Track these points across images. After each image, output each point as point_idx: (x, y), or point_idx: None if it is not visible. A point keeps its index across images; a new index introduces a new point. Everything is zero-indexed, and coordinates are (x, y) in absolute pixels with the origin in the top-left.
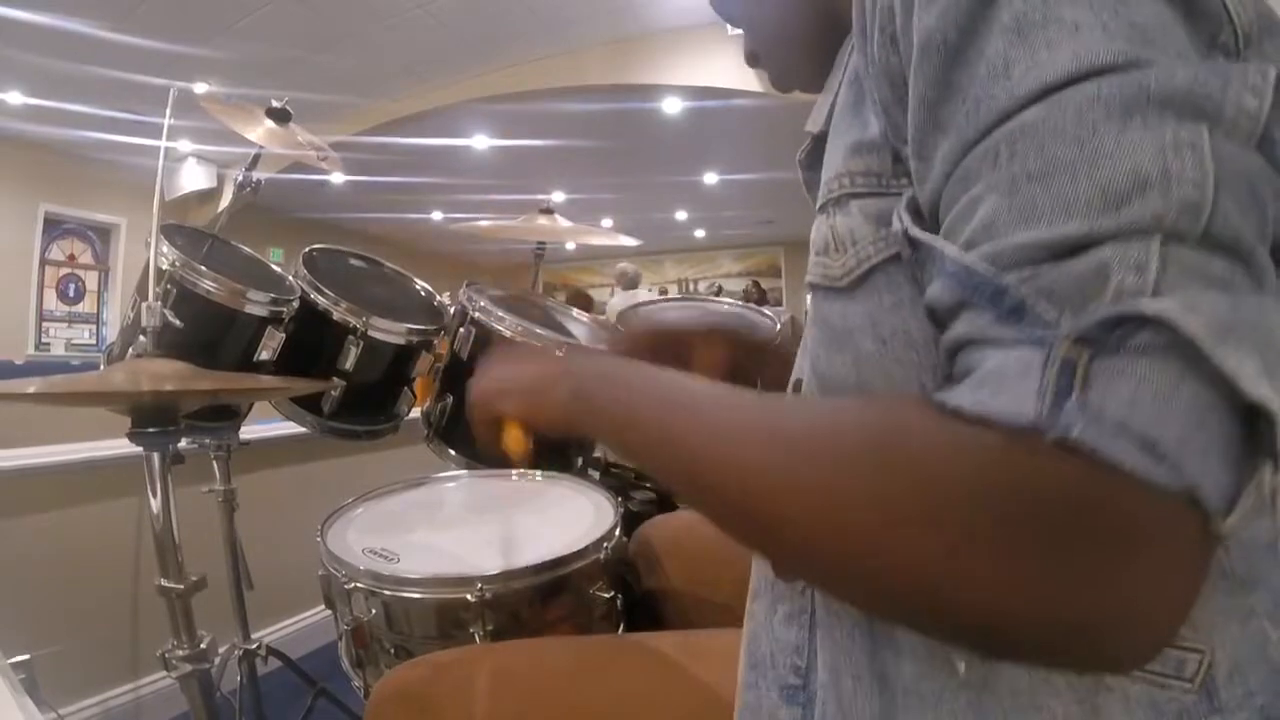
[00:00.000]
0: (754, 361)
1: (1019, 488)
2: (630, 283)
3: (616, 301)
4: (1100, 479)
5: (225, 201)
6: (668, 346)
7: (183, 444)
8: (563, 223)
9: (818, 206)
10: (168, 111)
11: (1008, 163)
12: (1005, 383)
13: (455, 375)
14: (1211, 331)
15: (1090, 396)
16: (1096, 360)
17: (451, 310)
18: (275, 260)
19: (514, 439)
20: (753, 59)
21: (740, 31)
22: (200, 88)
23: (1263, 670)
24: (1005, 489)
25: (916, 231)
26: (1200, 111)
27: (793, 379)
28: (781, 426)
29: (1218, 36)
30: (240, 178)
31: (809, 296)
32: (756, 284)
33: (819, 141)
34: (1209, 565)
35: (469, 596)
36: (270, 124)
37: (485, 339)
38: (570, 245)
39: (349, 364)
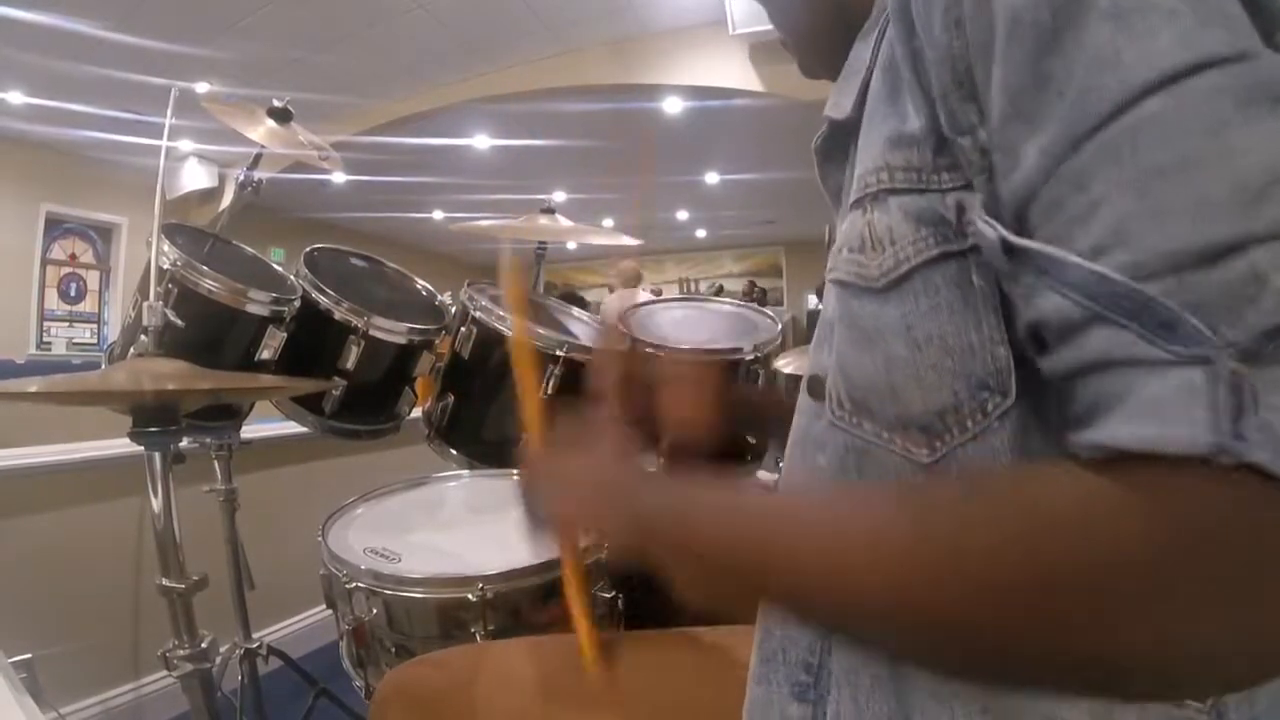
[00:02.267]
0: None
1: (1206, 523)
2: (630, 281)
3: (612, 300)
4: None
5: (227, 201)
6: (639, 388)
7: (184, 443)
8: (564, 222)
9: (852, 201)
10: (169, 111)
11: (1132, 158)
12: (1171, 409)
13: (457, 375)
14: None
15: (1264, 413)
16: (1262, 373)
17: (453, 310)
18: (277, 260)
19: (579, 615)
20: (784, 45)
21: (742, 31)
22: (201, 87)
23: (1269, 694)
24: (1191, 528)
25: (1023, 241)
26: None
27: (807, 374)
28: (893, 530)
29: (1273, 35)
30: (242, 177)
31: (829, 293)
32: (753, 284)
33: (837, 128)
34: None
35: (470, 596)
36: (271, 124)
37: (486, 338)
38: (571, 245)
39: (350, 363)
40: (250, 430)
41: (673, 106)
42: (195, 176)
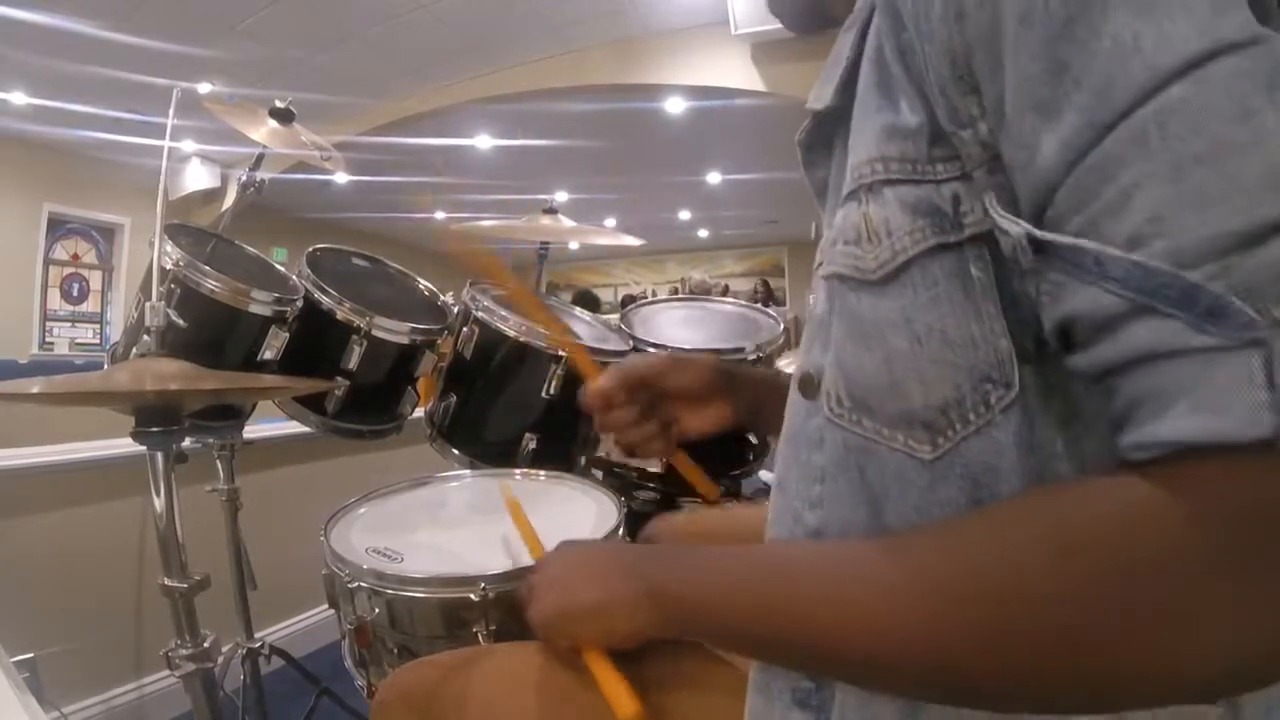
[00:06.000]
0: (731, 386)
1: (1269, 512)
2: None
3: None
4: None
5: (229, 201)
6: (641, 388)
7: (186, 443)
8: (566, 223)
9: (846, 193)
10: (171, 111)
11: (1162, 146)
12: (1230, 396)
13: (459, 375)
14: None
15: None
16: None
17: (455, 310)
18: (279, 260)
19: (603, 673)
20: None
21: (744, 31)
22: (204, 88)
23: None
24: (1250, 520)
25: (1054, 236)
26: None
27: (799, 373)
28: (919, 567)
29: (1267, 24)
30: (244, 178)
31: (820, 289)
32: (766, 283)
33: (820, 120)
34: None
35: (472, 596)
36: (274, 124)
37: (489, 338)
38: (574, 245)
39: (352, 363)
40: (253, 430)
41: (674, 106)
42: (198, 177)
